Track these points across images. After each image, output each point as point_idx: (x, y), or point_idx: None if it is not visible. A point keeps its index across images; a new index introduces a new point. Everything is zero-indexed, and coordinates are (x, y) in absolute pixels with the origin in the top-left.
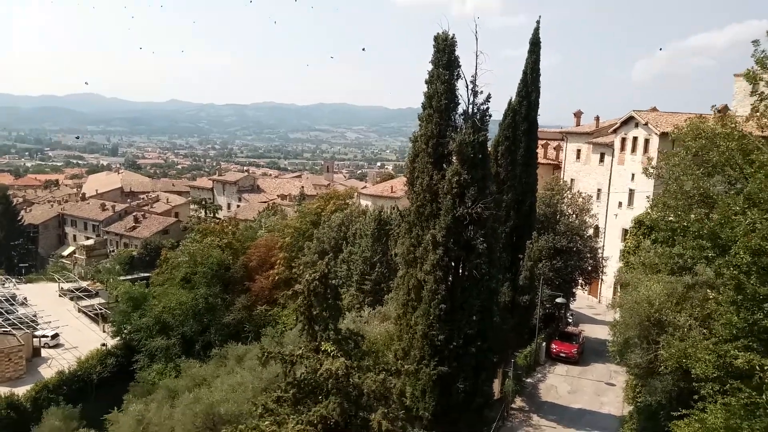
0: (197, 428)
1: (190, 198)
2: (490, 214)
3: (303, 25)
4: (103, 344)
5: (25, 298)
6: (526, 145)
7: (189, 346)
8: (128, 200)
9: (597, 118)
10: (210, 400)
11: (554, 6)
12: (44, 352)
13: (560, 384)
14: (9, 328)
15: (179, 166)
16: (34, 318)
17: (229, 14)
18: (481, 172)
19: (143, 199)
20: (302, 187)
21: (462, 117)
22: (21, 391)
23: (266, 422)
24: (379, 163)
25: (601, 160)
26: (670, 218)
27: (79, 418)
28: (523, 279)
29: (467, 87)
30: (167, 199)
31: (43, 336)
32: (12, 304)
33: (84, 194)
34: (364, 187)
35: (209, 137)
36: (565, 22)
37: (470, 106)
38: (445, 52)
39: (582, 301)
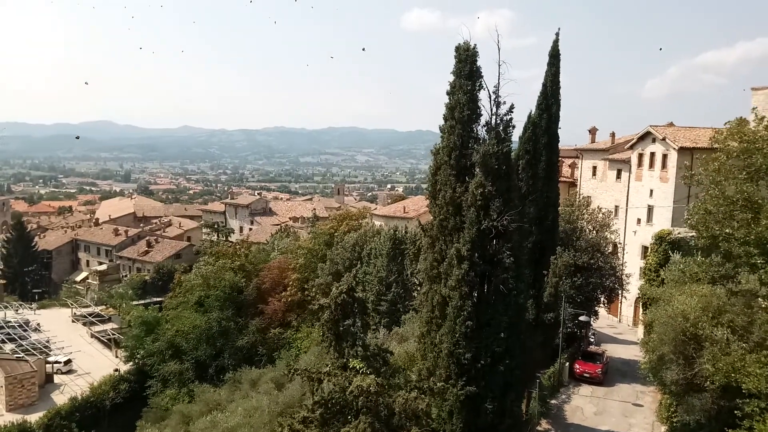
0: None
1: (202, 222)
2: (516, 227)
3: (312, 50)
4: (116, 369)
5: (38, 324)
6: (547, 159)
7: (202, 371)
8: (141, 225)
9: (613, 135)
10: (227, 425)
11: (563, 26)
12: (57, 378)
13: (585, 405)
14: (22, 354)
15: (191, 191)
16: (47, 344)
17: (240, 40)
18: (506, 184)
19: (156, 223)
20: (314, 209)
21: (485, 128)
22: (33, 417)
23: None
24: (389, 185)
25: (618, 176)
26: (712, 225)
27: None
28: (548, 296)
29: (490, 97)
30: (179, 224)
31: (56, 362)
32: (25, 330)
33: (97, 219)
34: (375, 208)
35: (220, 162)
36: (574, 42)
37: (493, 117)
38: (467, 62)
39: (602, 320)
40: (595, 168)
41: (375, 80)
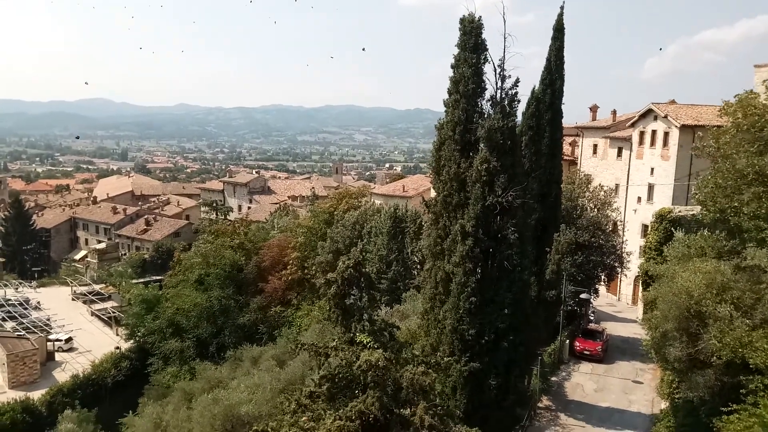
0: (216, 430)
1: (200, 200)
2: (520, 204)
3: (307, 26)
4: (117, 347)
5: (39, 302)
6: (550, 135)
7: (203, 348)
8: (139, 203)
9: (614, 112)
10: (229, 402)
11: (559, 4)
12: (58, 356)
13: (586, 382)
14: (23, 332)
15: (188, 170)
16: (47, 322)
17: (233, 17)
18: (511, 160)
19: (154, 202)
20: (313, 188)
21: (489, 102)
22: (36, 395)
23: (303, 418)
24: (387, 165)
25: (619, 154)
26: (720, 199)
27: (94, 421)
28: (550, 273)
29: (495, 71)
30: (178, 202)
31: (57, 340)
32: (25, 308)
33: (95, 198)
34: (374, 187)
35: (218, 141)
36: (572, 21)
37: (498, 91)
38: (471, 35)
39: (601, 299)
40: (595, 146)
41: (373, 58)
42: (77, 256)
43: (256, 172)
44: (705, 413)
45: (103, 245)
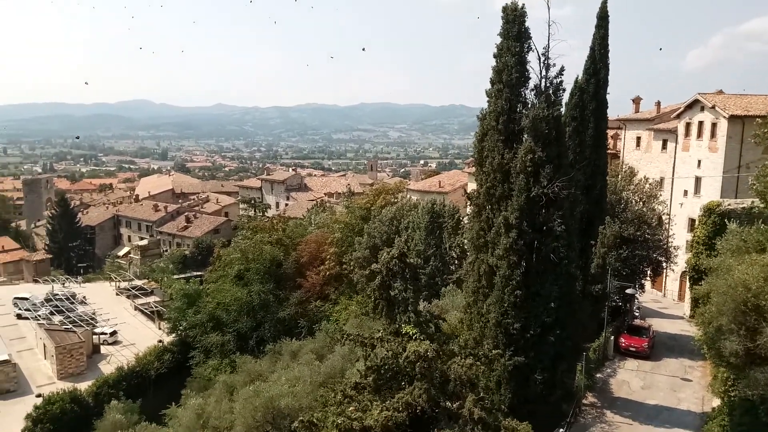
0: (257, 422)
1: (239, 198)
2: (567, 194)
3: (341, 26)
4: (160, 341)
5: (84, 297)
6: (595, 126)
7: (243, 342)
8: (179, 201)
9: (658, 104)
10: (270, 394)
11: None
12: (103, 349)
13: (632, 379)
14: (70, 326)
15: (226, 169)
16: (93, 316)
17: (272, 17)
18: (557, 150)
19: (194, 199)
20: (349, 184)
21: (533, 92)
22: (83, 386)
23: (350, 408)
24: (422, 161)
25: (664, 147)
26: None
27: (138, 412)
28: (595, 267)
29: (539, 59)
30: (217, 200)
31: (102, 333)
32: (72, 303)
33: (137, 196)
34: (410, 183)
35: (255, 140)
36: (611, 12)
37: (542, 80)
38: (515, 23)
39: (646, 294)
40: (639, 138)
41: (408, 55)
42: (120, 253)
43: (293, 170)
44: (765, 412)
45: (145, 242)
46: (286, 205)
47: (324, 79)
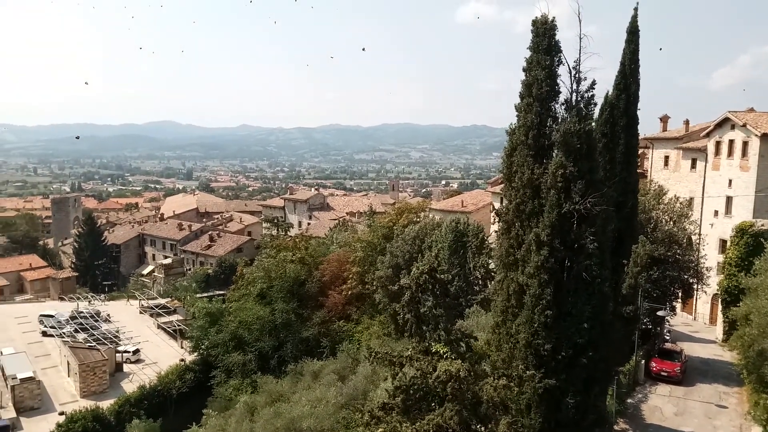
0: None
1: (262, 217)
2: (600, 211)
3: (366, 46)
4: (182, 359)
5: (109, 315)
6: (626, 142)
7: (264, 362)
8: (203, 220)
9: (686, 122)
10: (291, 416)
11: (621, 15)
12: (126, 367)
13: (664, 405)
14: (94, 344)
15: (250, 188)
16: (116, 334)
17: (296, 36)
18: (588, 165)
19: (217, 218)
20: (371, 204)
21: (563, 106)
22: (105, 404)
23: (379, 430)
24: (444, 181)
25: (693, 166)
26: None
27: (159, 431)
28: (627, 288)
29: (570, 73)
30: (240, 219)
31: (125, 351)
32: (96, 321)
33: (162, 215)
34: (432, 203)
35: (278, 160)
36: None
37: (573, 94)
38: (545, 36)
39: (676, 318)
40: (667, 158)
41: (429, 75)
42: (145, 271)
43: (315, 190)
44: None
45: (169, 260)
46: (309, 224)
47: (347, 100)
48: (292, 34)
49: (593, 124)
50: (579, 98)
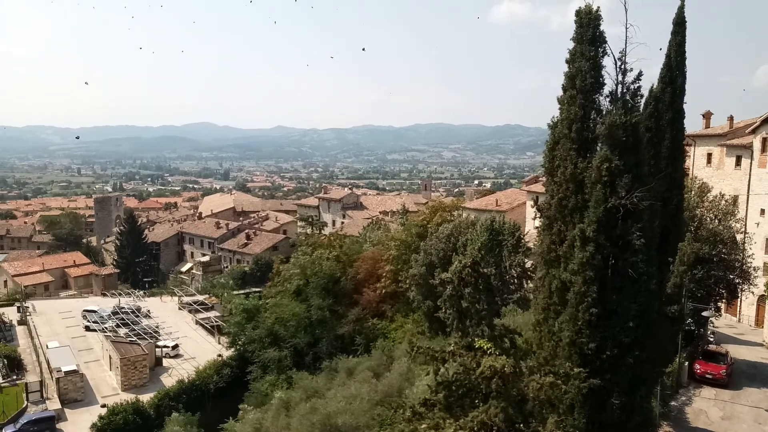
0: None
1: (297, 216)
2: (647, 206)
3: (395, 48)
4: (219, 355)
5: (149, 311)
6: (672, 137)
7: (299, 358)
8: (240, 219)
9: (731, 118)
10: (327, 411)
11: (666, 9)
12: (165, 362)
13: (710, 409)
14: (135, 338)
15: (285, 188)
16: (156, 329)
17: (328, 42)
18: (634, 159)
19: (254, 217)
20: (404, 203)
21: (608, 98)
22: (145, 398)
23: (423, 425)
24: (476, 181)
25: (738, 163)
26: None
27: (197, 425)
28: (672, 287)
29: (615, 64)
30: (276, 218)
31: (165, 346)
32: (137, 316)
33: (200, 213)
34: (465, 202)
35: (312, 161)
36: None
37: (618, 86)
38: (589, 27)
39: (719, 320)
40: (710, 155)
41: (462, 75)
42: (183, 268)
43: (349, 189)
44: None
45: (207, 258)
46: (342, 223)
47: (379, 101)
48: (326, 37)
49: (640, 116)
50: (624, 90)
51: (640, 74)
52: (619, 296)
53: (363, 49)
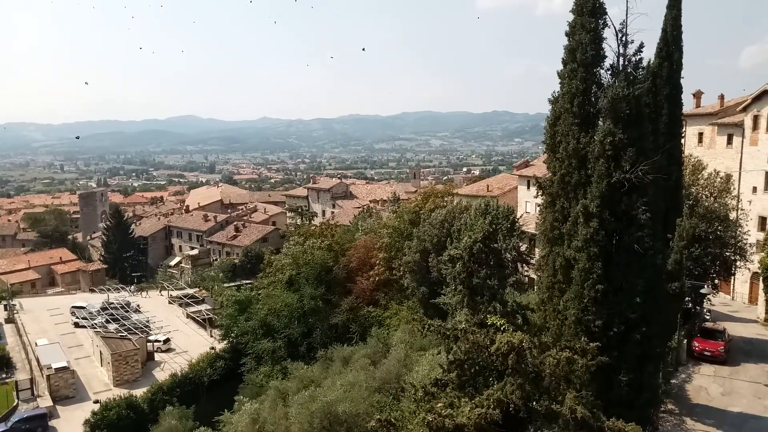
0: (314, 428)
1: (286, 207)
2: (653, 179)
3: (382, 35)
4: (212, 348)
5: (138, 306)
6: (669, 112)
7: (293, 349)
8: (228, 211)
9: (721, 97)
10: (326, 399)
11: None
12: (157, 356)
13: (710, 385)
14: (125, 333)
15: (272, 180)
16: (147, 324)
17: (311, 30)
18: (638, 132)
19: (242, 209)
20: (395, 191)
21: (609, 72)
22: (138, 392)
23: (439, 404)
24: (465, 168)
25: (729, 142)
26: None
27: (192, 418)
28: (672, 263)
29: (616, 35)
30: (264, 209)
31: (156, 341)
32: (127, 311)
33: (188, 206)
34: (456, 189)
35: (299, 152)
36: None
37: (620, 58)
38: None
39: (714, 298)
40: (701, 134)
41: (449, 62)
42: (172, 262)
43: (337, 179)
44: None
45: (195, 251)
46: (332, 213)
47: (366, 90)
48: (311, 28)
49: (642, 88)
50: (626, 62)
51: (641, 46)
52: (624, 272)
53: (363, 49)
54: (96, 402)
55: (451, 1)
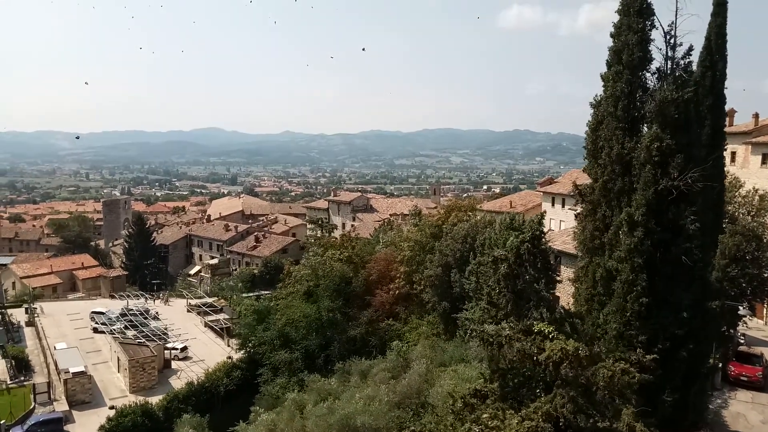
0: None
1: (306, 218)
2: (703, 187)
3: (404, 52)
4: (229, 357)
5: (157, 313)
6: (712, 123)
7: (311, 360)
8: (249, 222)
9: (756, 116)
10: (345, 412)
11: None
12: (174, 364)
13: (748, 412)
14: (143, 340)
15: (293, 193)
16: (165, 331)
17: (338, 46)
18: (687, 138)
19: (263, 220)
20: (415, 205)
21: (655, 75)
22: (154, 400)
23: (485, 415)
24: (485, 186)
25: (764, 161)
26: None
27: (207, 427)
28: (715, 281)
29: (665, 37)
30: (285, 221)
31: (173, 348)
32: (145, 318)
33: (209, 216)
34: (478, 205)
35: (320, 166)
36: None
37: (667, 61)
38: None
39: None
40: (734, 154)
41: (471, 80)
42: (192, 271)
43: (358, 192)
44: None
45: (215, 261)
46: (353, 225)
47: (388, 106)
48: (336, 42)
49: (691, 93)
50: (674, 65)
51: (690, 49)
52: (671, 285)
53: (363, 49)
54: (112, 408)
55: (473, 20)
